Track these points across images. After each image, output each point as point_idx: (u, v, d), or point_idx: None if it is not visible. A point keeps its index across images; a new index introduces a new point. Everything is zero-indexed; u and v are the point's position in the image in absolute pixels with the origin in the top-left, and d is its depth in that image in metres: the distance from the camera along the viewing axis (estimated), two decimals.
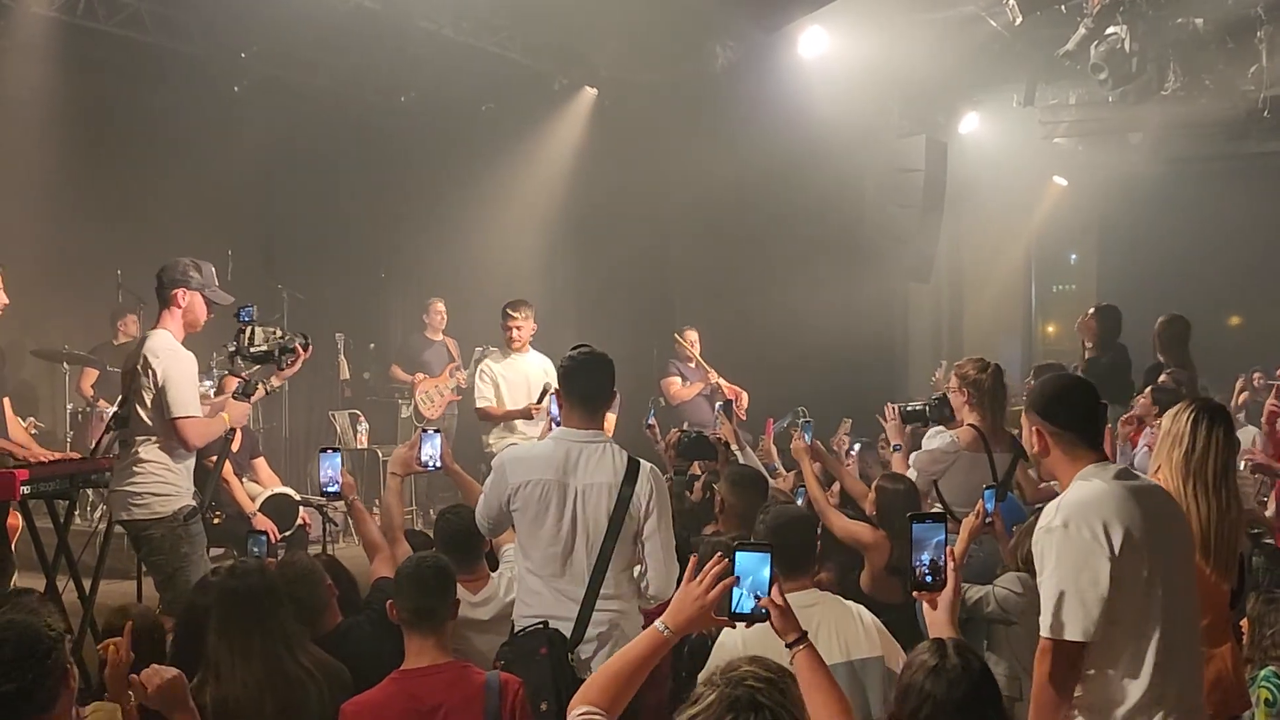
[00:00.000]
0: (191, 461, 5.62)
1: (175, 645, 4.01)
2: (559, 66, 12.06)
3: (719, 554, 2.73)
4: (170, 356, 5.37)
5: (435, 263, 12.35)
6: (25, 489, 5.61)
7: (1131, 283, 16.22)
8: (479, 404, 8.42)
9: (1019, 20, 9.33)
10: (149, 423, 5.37)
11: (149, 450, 5.39)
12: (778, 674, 2.30)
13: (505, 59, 11.33)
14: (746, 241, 12.22)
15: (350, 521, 5.87)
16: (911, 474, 5.61)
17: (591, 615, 3.90)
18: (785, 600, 2.73)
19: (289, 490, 8.07)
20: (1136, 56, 10.32)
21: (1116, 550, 3.03)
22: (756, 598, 2.68)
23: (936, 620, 2.98)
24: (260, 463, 8.30)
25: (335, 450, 5.20)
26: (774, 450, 7.75)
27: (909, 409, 6.31)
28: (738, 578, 2.67)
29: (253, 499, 7.76)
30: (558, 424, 4.73)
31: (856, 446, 8.75)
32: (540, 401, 7.93)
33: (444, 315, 11.10)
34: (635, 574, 4.04)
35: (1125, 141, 14.94)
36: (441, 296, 11.15)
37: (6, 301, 6.16)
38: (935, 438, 5.76)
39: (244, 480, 7.98)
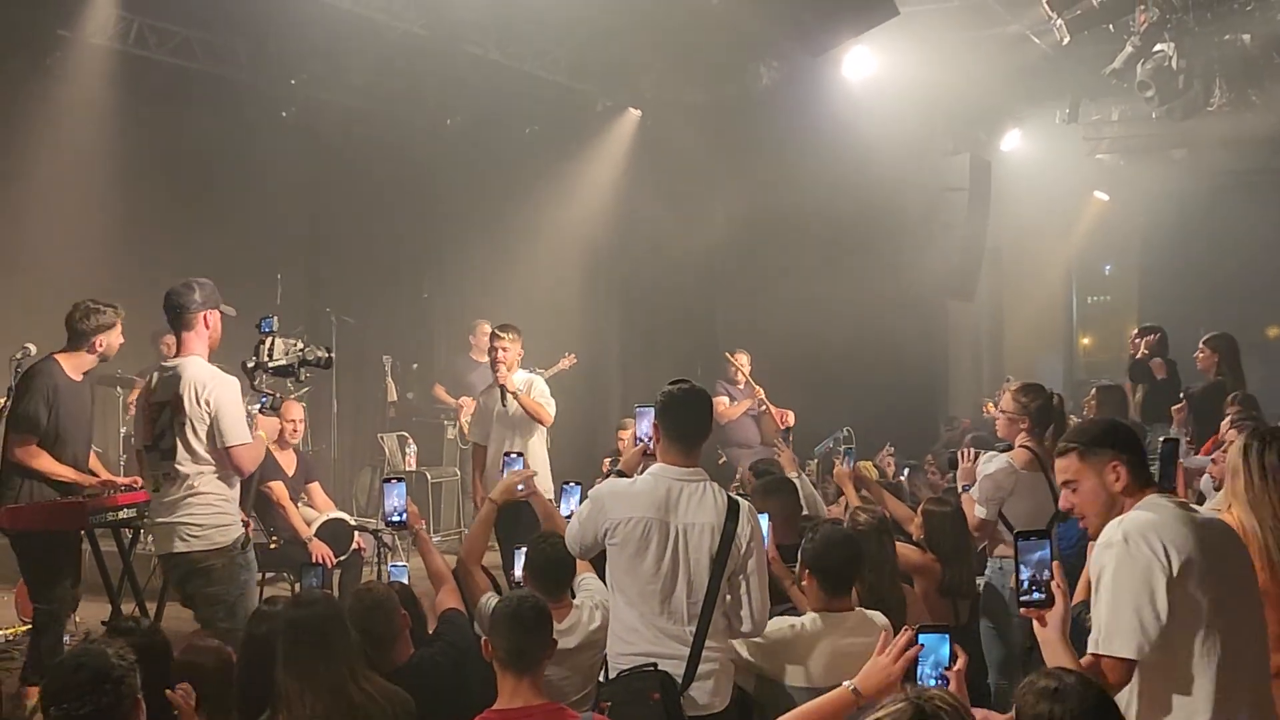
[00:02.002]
0: (238, 489, 5.53)
1: (238, 676, 4.03)
2: (603, 88, 12.13)
3: (906, 628, 3.03)
4: (219, 384, 5.26)
5: (479, 283, 12.43)
6: (94, 519, 5.70)
7: (1173, 295, 16.26)
8: (470, 438, 8.29)
9: (1067, 40, 9.32)
10: (202, 453, 5.25)
11: (206, 481, 5.28)
12: (963, 707, 2.36)
13: (549, 81, 11.42)
14: (789, 261, 12.23)
15: (416, 548, 5.71)
16: (979, 510, 5.59)
17: (701, 655, 3.90)
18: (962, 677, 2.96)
19: (344, 515, 8.10)
20: (1183, 74, 10.28)
21: (1175, 572, 2.99)
22: (940, 676, 2.94)
23: (1049, 637, 2.95)
24: (315, 487, 8.31)
25: (400, 480, 5.19)
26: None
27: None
28: (922, 646, 2.97)
29: (309, 524, 7.79)
30: (642, 442, 4.72)
31: (905, 471, 8.71)
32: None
33: (489, 337, 11.10)
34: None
35: (1168, 157, 14.93)
36: (488, 319, 11.19)
37: (123, 340, 6.28)
38: (991, 462, 5.73)
39: (299, 505, 8.02)
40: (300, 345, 5.66)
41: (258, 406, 6.80)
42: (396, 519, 5.08)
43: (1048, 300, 18.79)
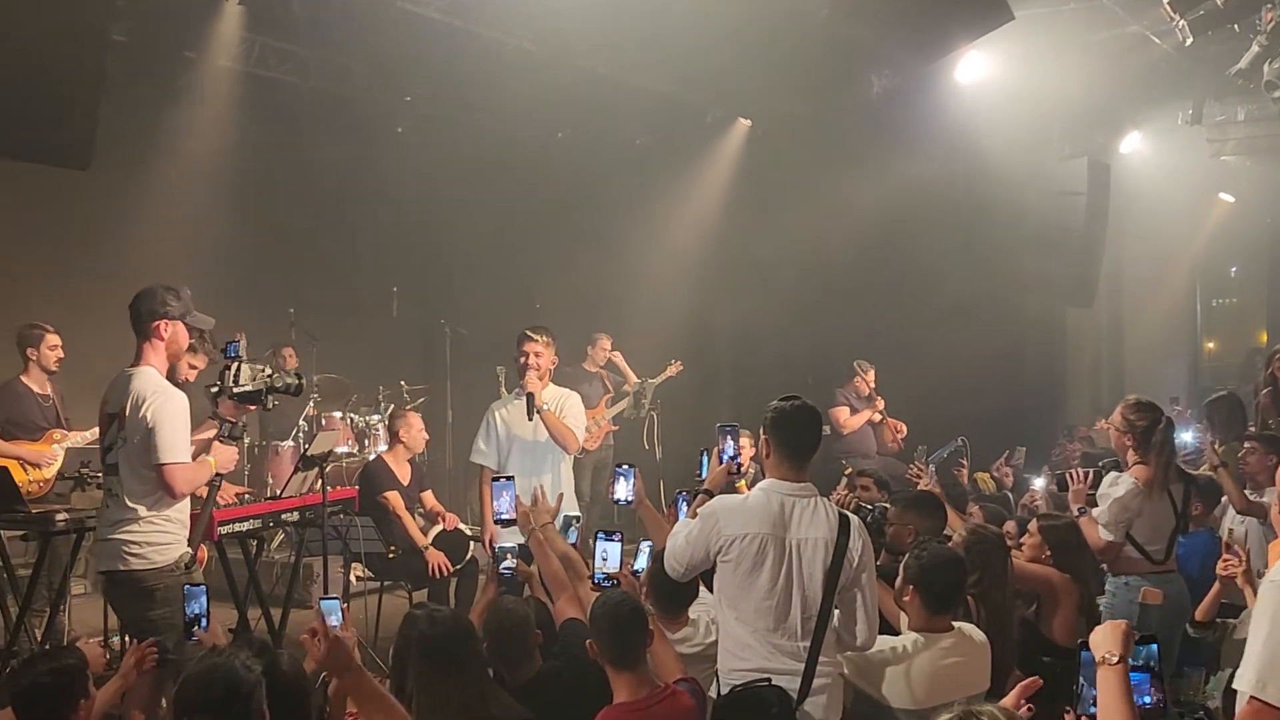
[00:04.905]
0: (187, 504, 5.08)
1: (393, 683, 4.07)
2: (712, 99, 12.14)
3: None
4: (161, 397, 4.86)
5: (591, 294, 12.51)
6: (222, 529, 5.85)
7: None
8: (473, 458, 7.16)
9: (1189, 41, 9.06)
10: (141, 470, 4.87)
11: (146, 500, 4.88)
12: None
13: (658, 93, 11.47)
14: (902, 269, 12.10)
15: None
16: (1104, 533, 5.45)
17: (815, 670, 3.90)
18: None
19: (461, 525, 8.21)
20: None
21: None
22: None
23: None
24: (428, 495, 8.45)
25: (509, 478, 5.21)
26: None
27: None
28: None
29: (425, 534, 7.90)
30: (732, 459, 4.70)
31: (1039, 482, 8.50)
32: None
33: (607, 352, 11.14)
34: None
35: None
36: (604, 331, 11.23)
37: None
38: (1118, 484, 5.57)
39: (415, 514, 8.14)
40: (268, 371, 5.25)
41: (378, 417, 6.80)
42: (505, 516, 5.12)
43: (1170, 305, 18.29)
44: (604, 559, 4.46)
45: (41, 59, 7.19)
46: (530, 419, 6.68)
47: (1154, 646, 2.92)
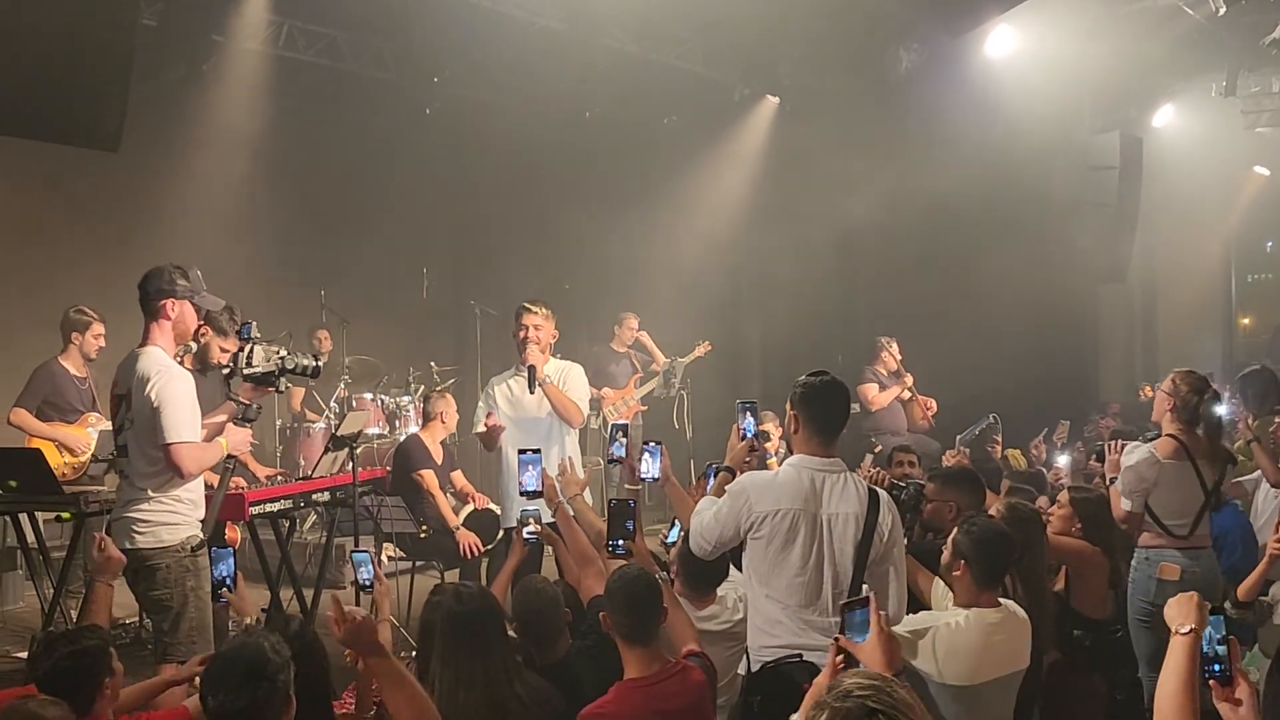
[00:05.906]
0: (200, 484, 5.07)
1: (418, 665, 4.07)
2: (740, 76, 12.07)
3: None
4: (165, 377, 4.82)
5: (619, 274, 12.51)
6: (253, 509, 5.88)
7: None
8: (476, 431, 6.87)
9: (1222, 11, 8.95)
10: (149, 450, 4.84)
11: (154, 480, 4.85)
12: (881, 680, 2.30)
13: (687, 71, 11.44)
14: (933, 245, 12.02)
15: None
16: (1124, 503, 5.42)
17: None
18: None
19: (492, 505, 8.22)
20: None
21: None
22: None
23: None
24: (458, 475, 8.47)
25: (535, 451, 5.19)
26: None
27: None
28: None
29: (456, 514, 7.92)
30: (753, 436, 4.69)
31: (1063, 459, 8.45)
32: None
33: (634, 332, 11.15)
34: None
35: None
36: (632, 311, 11.23)
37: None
38: (1134, 453, 5.55)
39: (446, 494, 8.16)
40: (282, 352, 5.10)
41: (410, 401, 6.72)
42: (531, 488, 5.11)
43: (1205, 280, 18.13)
44: None
45: (72, 42, 7.22)
46: (532, 392, 6.40)
47: (1220, 617, 2.90)
